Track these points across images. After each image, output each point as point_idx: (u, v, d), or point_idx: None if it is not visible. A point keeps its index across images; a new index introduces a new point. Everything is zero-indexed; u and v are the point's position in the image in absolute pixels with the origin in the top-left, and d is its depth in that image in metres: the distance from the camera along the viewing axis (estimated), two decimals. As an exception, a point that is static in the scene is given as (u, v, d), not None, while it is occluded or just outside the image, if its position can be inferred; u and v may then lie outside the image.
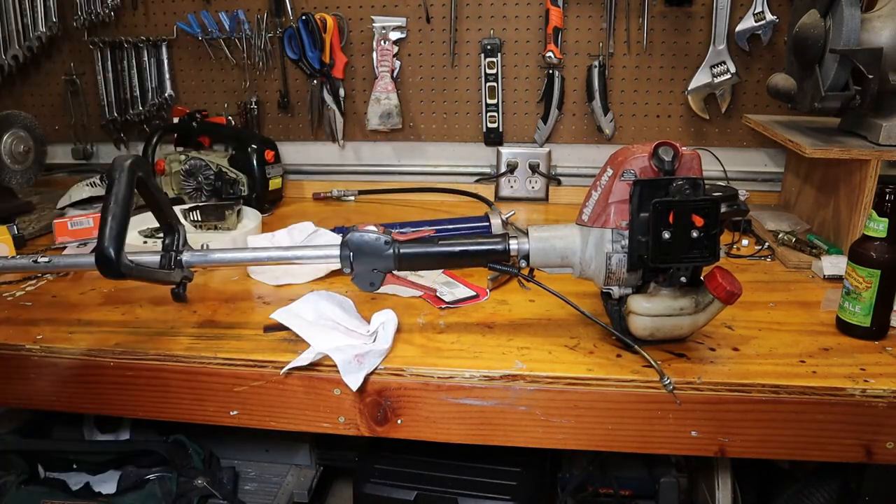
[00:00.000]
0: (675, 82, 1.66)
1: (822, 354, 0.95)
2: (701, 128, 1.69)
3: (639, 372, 0.90)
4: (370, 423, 0.94)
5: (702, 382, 0.88)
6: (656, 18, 1.62)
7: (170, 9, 1.78)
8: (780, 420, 0.88)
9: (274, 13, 1.73)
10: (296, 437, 1.51)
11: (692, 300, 0.90)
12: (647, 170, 0.86)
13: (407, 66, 1.75)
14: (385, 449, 1.30)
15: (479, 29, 1.70)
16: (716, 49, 1.59)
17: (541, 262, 0.92)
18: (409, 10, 1.71)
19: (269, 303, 1.13)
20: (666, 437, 0.90)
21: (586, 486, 1.35)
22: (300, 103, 1.82)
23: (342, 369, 0.88)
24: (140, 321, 1.08)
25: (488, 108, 1.73)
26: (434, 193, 1.74)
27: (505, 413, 0.92)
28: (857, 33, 1.18)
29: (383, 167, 1.85)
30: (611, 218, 0.87)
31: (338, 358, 0.89)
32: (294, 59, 1.71)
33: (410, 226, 1.31)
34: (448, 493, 1.22)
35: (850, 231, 1.25)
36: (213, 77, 1.83)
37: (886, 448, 0.87)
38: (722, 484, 1.16)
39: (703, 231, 0.83)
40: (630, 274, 0.89)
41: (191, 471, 1.38)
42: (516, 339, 0.99)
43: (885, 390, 0.85)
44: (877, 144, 1.24)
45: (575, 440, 0.92)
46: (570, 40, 1.67)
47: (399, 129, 1.79)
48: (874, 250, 0.95)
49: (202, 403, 0.98)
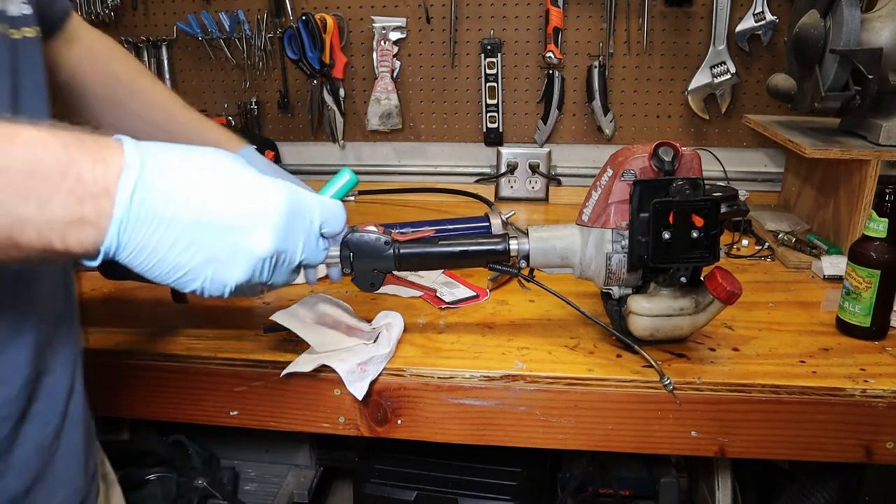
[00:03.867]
0: (675, 82, 1.66)
1: (822, 354, 0.95)
2: (701, 128, 1.69)
3: (639, 372, 0.90)
4: (370, 424, 0.94)
5: (702, 382, 0.88)
6: (656, 18, 1.62)
7: (170, 9, 1.78)
8: (780, 420, 0.88)
9: (274, 13, 1.73)
10: (296, 438, 1.51)
11: (692, 300, 0.90)
12: (647, 170, 0.86)
13: (407, 66, 1.75)
14: (385, 449, 1.30)
15: (479, 29, 1.70)
16: (716, 49, 1.59)
17: (541, 263, 0.92)
18: (409, 10, 1.71)
19: (269, 303, 1.13)
20: (666, 437, 0.90)
21: (586, 486, 1.35)
22: (300, 103, 1.82)
23: (346, 380, 0.88)
24: (140, 321, 1.08)
25: (488, 108, 1.73)
26: (434, 193, 1.74)
27: (505, 413, 0.92)
28: (857, 33, 1.18)
29: (383, 167, 1.85)
30: (611, 218, 0.87)
31: (341, 369, 0.88)
32: (294, 59, 1.71)
33: (410, 226, 1.30)
34: (448, 493, 1.22)
35: (850, 231, 1.25)
36: (213, 77, 1.83)
37: (886, 448, 0.87)
38: (722, 484, 1.16)
39: (703, 231, 0.83)
40: (630, 274, 0.89)
41: (191, 471, 1.38)
42: (516, 339, 0.99)
43: (885, 390, 0.85)
44: (877, 144, 1.24)
45: (575, 440, 0.92)
46: (570, 40, 1.67)
47: (399, 130, 1.79)
48: (874, 250, 0.95)
49: (202, 404, 0.98)
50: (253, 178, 0.53)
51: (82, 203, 0.46)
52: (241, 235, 0.52)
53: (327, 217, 0.61)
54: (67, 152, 0.45)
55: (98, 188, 0.46)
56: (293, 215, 0.56)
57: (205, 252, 0.50)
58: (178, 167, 0.49)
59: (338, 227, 0.62)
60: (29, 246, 0.46)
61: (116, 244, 0.48)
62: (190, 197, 0.49)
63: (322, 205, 0.60)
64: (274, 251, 0.54)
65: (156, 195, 0.48)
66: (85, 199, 0.46)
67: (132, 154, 0.48)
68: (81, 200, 0.46)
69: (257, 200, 0.53)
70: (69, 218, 0.45)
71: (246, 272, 0.53)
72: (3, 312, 0.57)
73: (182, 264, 0.50)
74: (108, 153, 0.47)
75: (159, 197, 0.48)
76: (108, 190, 0.46)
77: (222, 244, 0.51)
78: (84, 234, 0.46)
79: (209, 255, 0.51)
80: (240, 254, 0.52)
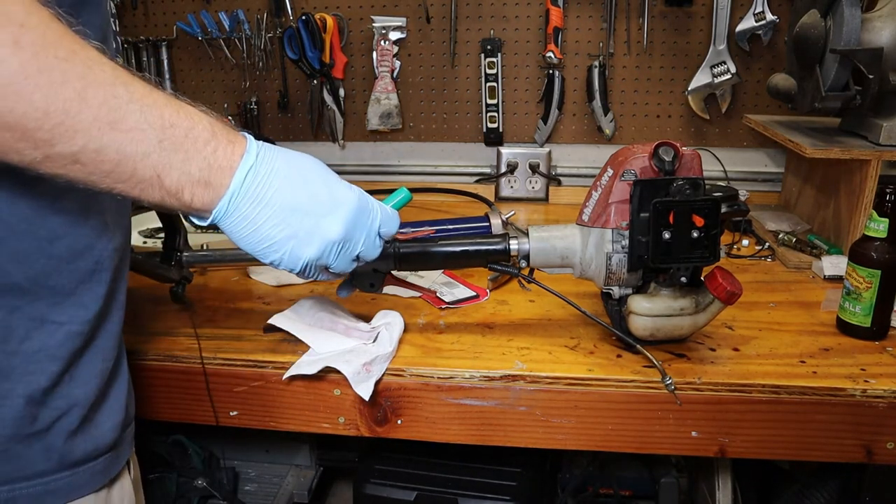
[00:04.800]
0: (676, 82, 1.66)
1: (822, 355, 0.95)
2: (701, 128, 1.69)
3: (639, 372, 0.90)
4: (370, 424, 0.94)
5: (702, 383, 0.88)
6: (656, 18, 1.62)
7: (169, 9, 1.78)
8: (780, 420, 0.88)
9: (274, 13, 1.73)
10: (296, 438, 1.51)
11: (692, 300, 0.90)
12: (647, 170, 0.85)
13: (407, 66, 1.75)
14: (385, 449, 1.30)
15: (479, 29, 1.70)
16: (716, 49, 1.59)
17: (541, 263, 0.92)
18: (409, 10, 1.71)
19: (269, 303, 1.13)
20: (666, 437, 0.90)
21: (586, 486, 1.35)
22: (300, 103, 1.82)
23: (352, 381, 0.88)
24: (140, 321, 1.08)
25: (488, 108, 1.73)
26: (434, 193, 1.74)
27: (505, 413, 0.92)
28: (857, 33, 1.18)
29: (383, 167, 1.85)
30: (611, 218, 0.87)
31: (347, 370, 0.88)
32: (294, 59, 1.71)
33: (410, 226, 1.30)
34: (448, 493, 1.22)
35: (851, 231, 1.24)
36: (212, 77, 1.83)
37: (886, 448, 0.87)
38: (722, 484, 1.16)
39: (703, 231, 0.82)
40: (630, 274, 0.89)
41: (191, 471, 1.38)
42: (516, 339, 0.99)
43: (885, 390, 0.85)
44: (877, 144, 1.24)
45: (575, 440, 0.92)
46: (570, 40, 1.67)
47: (399, 130, 1.79)
48: (874, 250, 0.95)
49: (202, 404, 0.98)
50: (333, 179, 0.69)
51: (211, 170, 0.60)
52: (320, 220, 0.66)
53: (385, 220, 0.74)
54: (212, 129, 0.60)
55: (225, 164, 0.60)
56: (360, 212, 0.69)
57: (289, 230, 0.64)
58: (279, 165, 0.64)
59: (393, 230, 0.76)
60: (167, 188, 0.58)
61: (224, 211, 0.62)
62: (284, 187, 0.63)
63: (382, 209, 0.74)
64: (343, 238, 0.68)
65: (260, 181, 0.62)
66: (213, 168, 0.60)
67: (252, 147, 0.63)
68: (211, 168, 0.60)
69: (335, 196, 0.67)
70: (200, 177, 0.59)
71: (318, 251, 0.67)
72: (97, 246, 0.66)
73: (270, 237, 0.64)
74: (237, 140, 0.62)
75: (262, 183, 0.62)
76: (231, 167, 0.61)
77: (303, 225, 0.65)
78: (206, 194, 0.60)
79: (292, 232, 0.65)
80: (316, 235, 0.66)
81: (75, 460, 0.67)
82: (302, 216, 0.65)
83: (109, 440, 0.71)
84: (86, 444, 0.68)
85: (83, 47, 0.52)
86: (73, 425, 0.66)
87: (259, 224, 0.64)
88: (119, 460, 0.73)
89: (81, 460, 0.67)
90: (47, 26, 0.50)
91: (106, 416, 0.70)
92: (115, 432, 0.72)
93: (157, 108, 0.56)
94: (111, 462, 0.71)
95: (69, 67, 0.51)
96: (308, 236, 0.66)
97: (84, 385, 0.67)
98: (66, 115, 0.51)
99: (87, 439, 0.68)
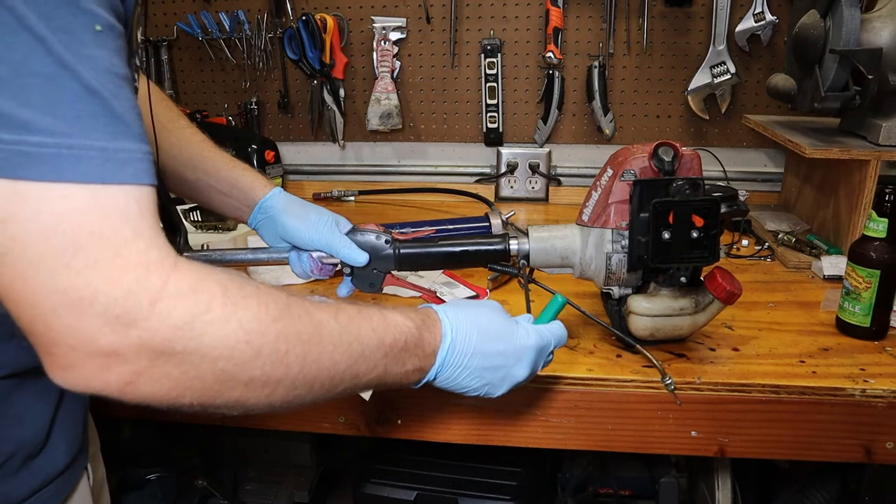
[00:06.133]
0: (675, 82, 1.66)
1: (821, 354, 0.95)
2: (701, 128, 1.69)
3: (639, 372, 0.90)
4: (370, 423, 0.94)
5: (702, 382, 0.88)
6: (656, 18, 1.62)
7: (170, 9, 1.78)
8: (780, 420, 0.88)
9: (274, 13, 1.73)
10: (296, 438, 1.51)
11: (692, 300, 0.90)
12: (647, 170, 0.86)
13: (407, 66, 1.75)
14: (385, 449, 1.29)
15: (479, 29, 1.70)
16: (716, 49, 1.59)
17: (541, 263, 0.92)
18: (409, 11, 1.71)
19: (269, 303, 1.13)
20: (666, 437, 0.90)
21: (586, 486, 1.36)
22: (300, 104, 1.82)
23: None
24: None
25: (488, 108, 1.73)
26: (434, 193, 1.74)
27: (505, 413, 0.92)
28: (857, 33, 1.18)
29: (383, 167, 1.85)
30: (611, 218, 0.87)
31: None
32: (294, 59, 1.71)
33: (410, 226, 1.31)
34: (448, 493, 1.22)
35: (850, 231, 1.25)
36: (213, 77, 1.83)
37: (886, 448, 0.88)
38: (722, 484, 1.16)
39: (703, 231, 0.83)
40: (630, 274, 0.89)
41: (191, 471, 1.38)
42: (516, 339, 0.99)
43: (884, 390, 0.85)
44: (877, 145, 1.24)
45: (575, 440, 0.92)
46: (570, 40, 1.67)
47: (399, 130, 1.79)
48: (874, 250, 0.95)
49: (202, 403, 0.97)
50: (514, 328, 0.76)
51: (423, 360, 0.69)
52: (509, 370, 0.75)
53: (559, 341, 0.81)
54: (419, 331, 0.69)
55: (430, 350, 0.70)
56: (540, 351, 0.77)
57: (484, 380, 0.74)
58: (467, 330, 0.72)
59: (564, 342, 0.82)
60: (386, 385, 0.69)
61: (432, 378, 0.72)
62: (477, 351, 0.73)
63: (556, 336, 0.80)
64: (529, 375, 0.77)
65: (458, 351, 0.72)
66: (424, 357, 0.69)
67: (446, 325, 0.72)
68: (422, 358, 0.69)
69: (518, 347, 0.75)
70: (414, 368, 0.69)
71: (508, 389, 0.77)
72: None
73: (469, 387, 0.74)
74: (435, 327, 0.71)
75: (459, 352, 0.72)
76: (435, 351, 0.70)
77: (496, 375, 0.75)
78: (417, 376, 0.70)
79: (486, 381, 0.75)
80: (507, 380, 0.76)
81: (20, 498, 0.64)
82: (493, 371, 0.74)
83: (62, 466, 0.68)
84: (32, 479, 0.65)
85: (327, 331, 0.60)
86: (14, 467, 0.63)
87: (459, 381, 0.73)
88: (74, 476, 0.71)
89: (27, 496, 0.65)
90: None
91: (57, 443, 0.68)
92: (68, 455, 0.69)
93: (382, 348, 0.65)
94: (63, 483, 0.69)
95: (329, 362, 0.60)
96: (500, 382, 0.76)
97: (31, 426, 0.65)
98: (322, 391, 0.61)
99: (35, 473, 0.66)
